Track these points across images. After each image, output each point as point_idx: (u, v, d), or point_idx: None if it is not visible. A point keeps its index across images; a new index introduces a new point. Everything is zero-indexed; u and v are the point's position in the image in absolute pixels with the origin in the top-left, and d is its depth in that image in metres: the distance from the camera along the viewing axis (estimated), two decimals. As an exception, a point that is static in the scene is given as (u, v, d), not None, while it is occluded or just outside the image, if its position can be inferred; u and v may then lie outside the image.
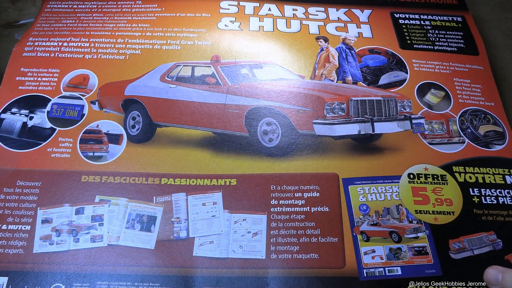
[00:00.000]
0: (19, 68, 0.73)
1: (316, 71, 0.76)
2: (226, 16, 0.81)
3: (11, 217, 0.60)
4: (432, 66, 0.77)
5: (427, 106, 0.73)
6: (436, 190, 0.64)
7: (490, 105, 0.74)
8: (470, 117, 0.72)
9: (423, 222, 0.61)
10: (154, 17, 0.81)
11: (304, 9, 0.84)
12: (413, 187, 0.64)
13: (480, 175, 0.66)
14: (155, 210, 0.62)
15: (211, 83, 0.74)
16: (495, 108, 0.74)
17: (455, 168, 0.66)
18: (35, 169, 0.64)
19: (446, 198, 0.64)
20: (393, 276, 0.58)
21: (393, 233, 0.60)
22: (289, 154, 0.67)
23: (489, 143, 0.70)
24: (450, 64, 0.78)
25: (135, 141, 0.68)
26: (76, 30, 0.78)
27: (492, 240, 0.60)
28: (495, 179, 0.66)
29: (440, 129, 0.71)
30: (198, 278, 0.57)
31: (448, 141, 0.70)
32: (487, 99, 0.75)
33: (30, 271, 0.57)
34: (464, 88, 0.75)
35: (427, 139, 0.69)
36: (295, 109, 0.69)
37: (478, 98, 0.75)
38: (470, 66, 0.78)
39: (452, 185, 0.65)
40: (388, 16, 0.84)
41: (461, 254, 0.59)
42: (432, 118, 0.71)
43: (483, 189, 0.65)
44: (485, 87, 0.76)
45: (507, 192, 0.65)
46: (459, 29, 0.83)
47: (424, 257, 0.59)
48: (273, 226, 0.61)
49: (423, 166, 0.66)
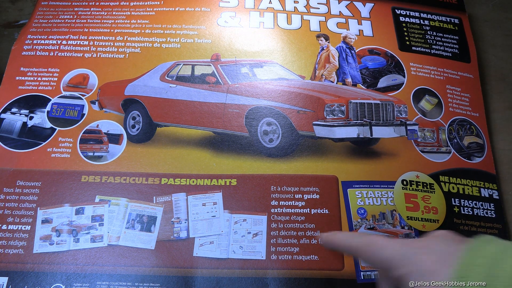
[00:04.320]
0: (19, 67, 0.73)
1: (317, 71, 0.76)
2: (226, 11, 0.81)
3: (11, 217, 0.60)
4: (428, 71, 0.77)
5: (421, 112, 0.73)
6: (425, 198, 0.65)
7: (475, 115, 0.74)
8: (457, 127, 0.72)
9: (413, 228, 0.62)
10: (153, 12, 0.80)
11: (306, 1, 0.83)
12: (406, 194, 0.65)
13: (461, 186, 0.67)
14: (155, 210, 0.62)
15: (211, 82, 0.74)
16: (479, 119, 0.74)
17: (442, 178, 0.67)
18: (35, 169, 0.64)
19: (433, 206, 0.64)
20: None
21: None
22: (290, 155, 0.67)
23: (471, 155, 0.70)
24: (444, 70, 0.78)
25: (135, 141, 0.68)
26: (74, 27, 0.77)
27: None
28: (472, 191, 0.68)
29: (431, 137, 0.71)
30: (198, 279, 0.57)
31: (437, 150, 0.70)
32: (473, 109, 0.75)
33: (30, 271, 0.57)
34: (455, 96, 0.75)
35: (419, 147, 0.70)
36: (295, 109, 0.69)
37: (466, 108, 0.75)
38: (461, 74, 0.78)
39: (438, 194, 0.66)
40: (389, 11, 0.84)
41: None
42: (424, 126, 0.72)
43: (462, 200, 0.66)
44: (473, 96, 0.76)
45: (481, 204, 0.67)
46: (455, 33, 0.83)
47: None
48: (274, 227, 0.61)
49: (415, 174, 0.67)
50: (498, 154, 0.73)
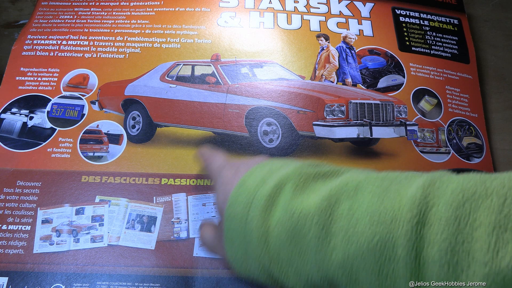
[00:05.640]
0: (18, 67, 0.73)
1: (317, 71, 0.76)
2: (226, 11, 0.81)
3: (11, 217, 0.60)
4: (428, 71, 0.77)
5: (421, 113, 0.73)
6: None
7: (474, 116, 0.74)
8: (456, 128, 0.72)
9: None
10: (153, 12, 0.80)
11: (306, 1, 0.83)
12: None
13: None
14: (155, 210, 0.62)
15: (211, 83, 0.74)
16: (478, 119, 0.74)
17: None
18: (35, 169, 0.64)
19: None
20: None
21: None
22: (290, 155, 0.67)
23: (470, 156, 0.70)
24: (443, 70, 0.78)
25: (135, 141, 0.68)
26: (74, 27, 0.78)
27: None
28: None
29: (430, 138, 0.71)
30: (198, 279, 0.57)
31: (436, 150, 0.70)
32: (472, 110, 0.75)
33: (30, 271, 0.57)
34: (454, 97, 0.75)
35: (419, 147, 0.70)
36: (295, 109, 0.69)
37: (465, 109, 0.75)
38: (461, 75, 0.78)
39: None
40: (389, 11, 0.84)
41: None
42: (424, 126, 0.72)
43: None
44: (471, 97, 0.76)
45: None
46: (454, 33, 0.83)
47: None
48: (273, 227, 0.61)
49: None
50: (497, 154, 0.73)
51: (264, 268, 0.39)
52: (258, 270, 0.40)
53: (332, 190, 0.35)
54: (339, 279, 0.33)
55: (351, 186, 0.35)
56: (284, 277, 0.38)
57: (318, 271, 0.34)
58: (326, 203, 0.34)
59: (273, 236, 0.37)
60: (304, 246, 0.35)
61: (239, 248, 0.41)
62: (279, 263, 0.37)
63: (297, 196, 0.37)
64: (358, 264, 0.32)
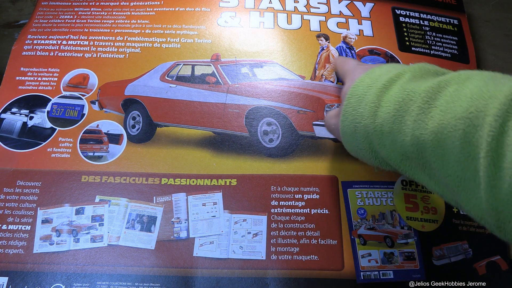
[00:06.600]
0: (19, 67, 0.73)
1: (317, 71, 0.76)
2: (226, 11, 0.81)
3: (11, 217, 0.60)
4: (427, 72, 0.77)
5: None
6: (424, 198, 0.65)
7: None
8: None
9: (412, 228, 0.62)
10: (153, 12, 0.80)
11: (306, 1, 0.83)
12: (405, 194, 0.65)
13: None
14: (155, 210, 0.62)
15: (211, 82, 0.74)
16: None
17: None
18: (35, 169, 0.64)
19: (432, 207, 0.64)
20: (386, 279, 0.59)
21: (387, 238, 0.61)
22: (290, 155, 0.67)
23: None
24: None
25: (135, 141, 0.68)
26: (74, 27, 0.78)
27: (464, 249, 0.62)
28: None
29: None
30: (198, 279, 0.57)
31: None
32: None
33: (30, 271, 0.57)
34: None
35: None
36: (295, 109, 0.69)
37: None
38: None
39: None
40: (389, 11, 0.84)
41: (441, 261, 0.61)
42: None
43: None
44: None
45: None
46: (454, 34, 0.82)
47: (412, 262, 0.60)
48: (274, 227, 0.61)
49: None
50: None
51: (367, 140, 0.43)
52: (362, 143, 0.44)
53: (445, 77, 0.38)
54: (428, 144, 0.36)
55: (463, 75, 0.37)
56: (381, 147, 0.42)
57: (412, 138, 0.37)
58: (436, 85, 0.37)
59: (382, 109, 0.41)
60: (405, 117, 0.38)
61: (351, 122, 0.45)
62: (380, 134, 0.41)
63: (413, 82, 0.40)
64: (448, 130, 0.34)
